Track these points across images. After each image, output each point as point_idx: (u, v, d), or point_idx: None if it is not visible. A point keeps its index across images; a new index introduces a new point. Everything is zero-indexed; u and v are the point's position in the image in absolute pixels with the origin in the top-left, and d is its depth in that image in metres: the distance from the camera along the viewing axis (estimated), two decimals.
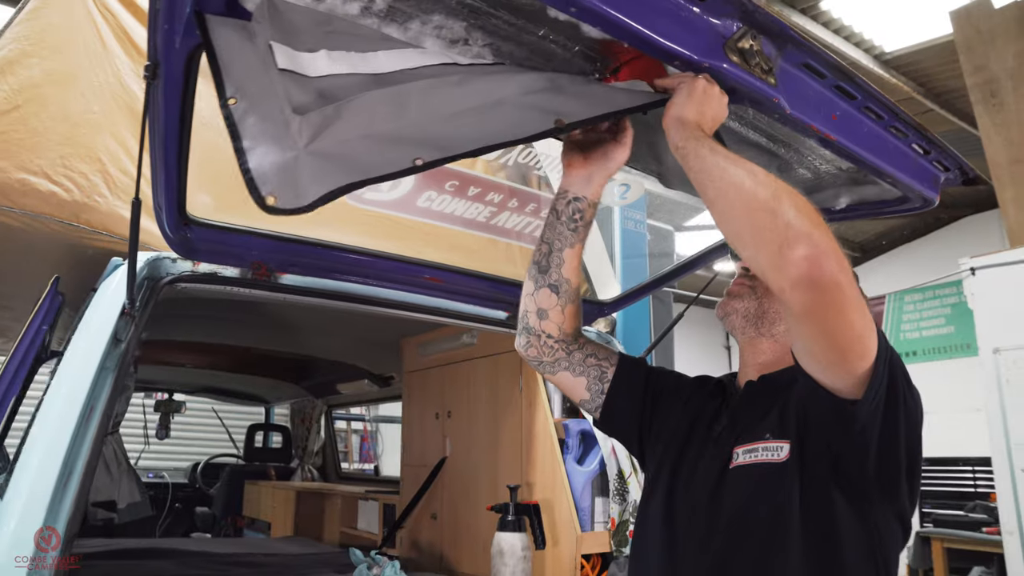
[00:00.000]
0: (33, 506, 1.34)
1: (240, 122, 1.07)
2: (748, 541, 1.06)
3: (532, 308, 1.37)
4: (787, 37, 1.28)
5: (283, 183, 1.04)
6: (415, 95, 1.19)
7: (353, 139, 1.12)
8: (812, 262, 0.89)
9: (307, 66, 1.15)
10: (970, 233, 9.06)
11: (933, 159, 1.72)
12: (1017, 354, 3.37)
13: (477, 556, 2.50)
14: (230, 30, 1.15)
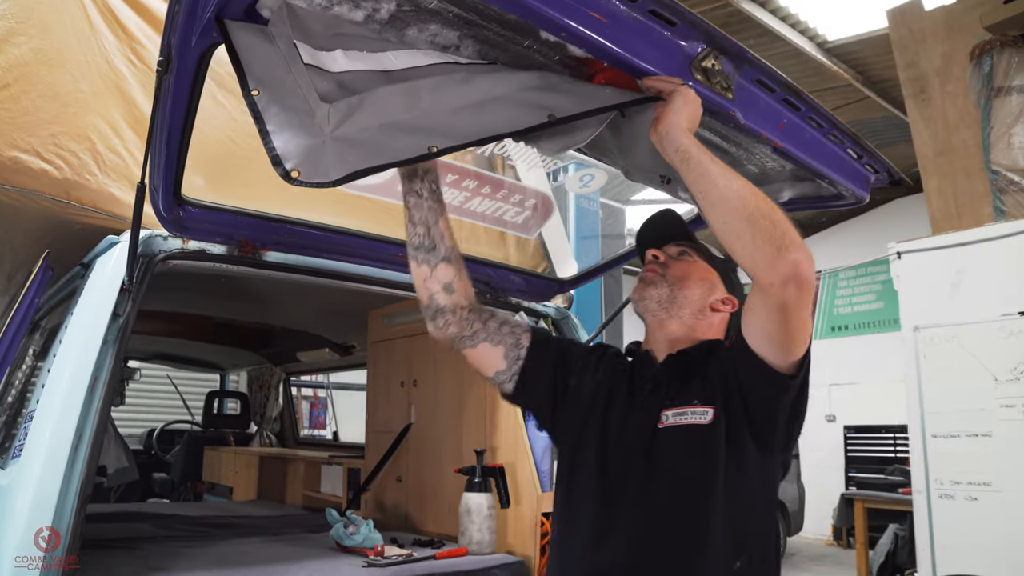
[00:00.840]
0: (51, 466, 1.45)
1: (264, 110, 1.19)
2: (682, 488, 1.26)
3: (436, 288, 1.44)
4: (744, 58, 1.46)
5: (306, 161, 1.16)
6: (426, 90, 1.33)
7: (373, 127, 1.25)
8: (801, 265, 1.11)
9: (328, 62, 1.27)
10: (902, 214, 9.55)
11: (865, 162, 1.94)
12: (934, 331, 3.68)
13: (442, 516, 2.67)
14: (248, 33, 1.27)
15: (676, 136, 1.25)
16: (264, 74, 1.21)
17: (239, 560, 1.99)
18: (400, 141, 1.26)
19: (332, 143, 1.19)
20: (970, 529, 3.39)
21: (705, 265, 1.48)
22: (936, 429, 3.63)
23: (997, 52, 3.96)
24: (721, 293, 1.45)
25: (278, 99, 1.20)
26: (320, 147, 1.19)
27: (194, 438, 4.83)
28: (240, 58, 1.22)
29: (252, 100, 1.17)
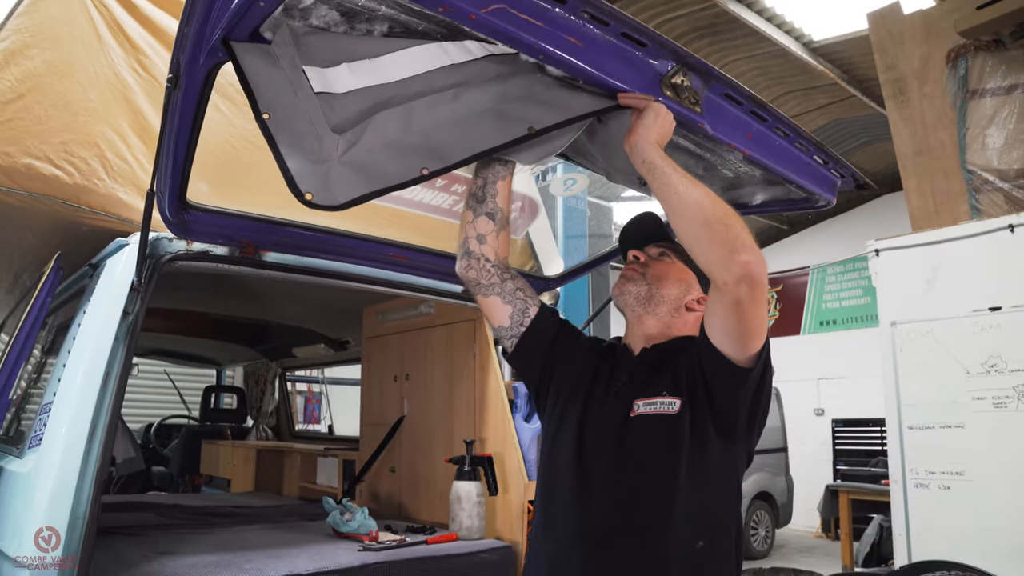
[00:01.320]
0: (70, 455, 1.56)
1: (276, 133, 1.31)
2: (649, 472, 1.37)
3: (472, 234, 1.57)
4: (712, 74, 1.57)
5: (318, 185, 1.29)
6: (420, 109, 1.44)
7: (375, 149, 1.37)
8: (752, 265, 1.22)
9: (335, 83, 1.38)
10: (887, 211, 9.68)
11: (831, 168, 2.06)
12: (910, 327, 3.81)
13: (434, 504, 2.79)
14: (255, 54, 1.37)
15: (643, 148, 1.37)
16: (273, 98, 1.32)
17: (241, 545, 2.10)
18: (396, 164, 1.38)
19: (339, 168, 1.32)
20: (943, 517, 3.52)
21: (683, 266, 1.58)
22: (912, 421, 3.76)
23: (971, 56, 4.09)
24: (696, 293, 1.56)
25: (288, 122, 1.31)
26: (329, 171, 1.31)
27: (192, 432, 4.93)
28: (249, 81, 1.32)
29: (264, 124, 1.29)
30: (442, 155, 1.42)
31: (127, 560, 1.80)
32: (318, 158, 1.33)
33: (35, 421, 1.77)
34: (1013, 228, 3.60)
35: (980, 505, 3.40)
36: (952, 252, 3.74)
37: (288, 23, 1.40)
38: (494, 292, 1.58)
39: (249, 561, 1.86)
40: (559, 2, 1.29)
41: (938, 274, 3.79)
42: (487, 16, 1.22)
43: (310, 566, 1.85)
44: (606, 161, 1.88)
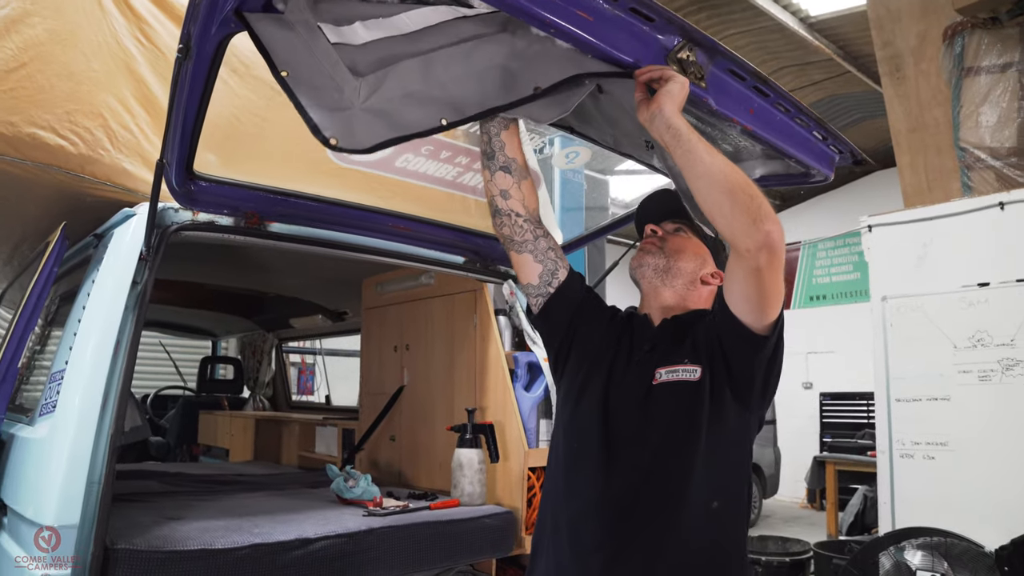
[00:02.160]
0: (85, 421, 1.59)
1: (296, 88, 1.35)
2: (672, 437, 1.43)
3: (495, 191, 1.61)
4: (716, 49, 1.60)
5: (342, 130, 1.34)
6: (438, 62, 1.47)
7: (396, 98, 1.42)
8: (774, 235, 1.27)
9: (351, 37, 1.41)
10: (879, 187, 9.75)
11: (830, 144, 2.09)
12: (901, 302, 3.87)
13: (434, 472, 2.85)
14: (269, 22, 1.39)
15: (668, 115, 1.38)
16: (289, 56, 1.35)
17: (248, 510, 2.15)
18: (417, 113, 1.43)
19: (362, 114, 1.36)
20: (926, 486, 3.62)
21: (698, 242, 1.63)
22: (900, 393, 3.84)
23: (968, 33, 4.10)
24: (711, 268, 1.61)
25: (306, 77, 1.35)
26: (352, 117, 1.35)
27: (189, 403, 4.96)
28: (265, 44, 1.35)
29: (283, 80, 1.33)
30: (459, 108, 1.46)
31: (139, 524, 1.84)
32: (340, 105, 1.37)
33: (45, 389, 1.80)
34: (1003, 206, 3.65)
35: (962, 474, 3.50)
36: (943, 229, 3.80)
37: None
38: (527, 249, 1.61)
39: (257, 526, 1.90)
40: None
41: (929, 250, 3.84)
42: None
43: (318, 530, 1.90)
44: (612, 127, 1.90)
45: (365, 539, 1.96)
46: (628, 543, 1.40)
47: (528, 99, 1.50)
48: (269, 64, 1.33)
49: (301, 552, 1.82)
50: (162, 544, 1.66)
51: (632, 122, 1.79)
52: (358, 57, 1.41)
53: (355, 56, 1.41)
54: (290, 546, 1.81)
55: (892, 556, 3.58)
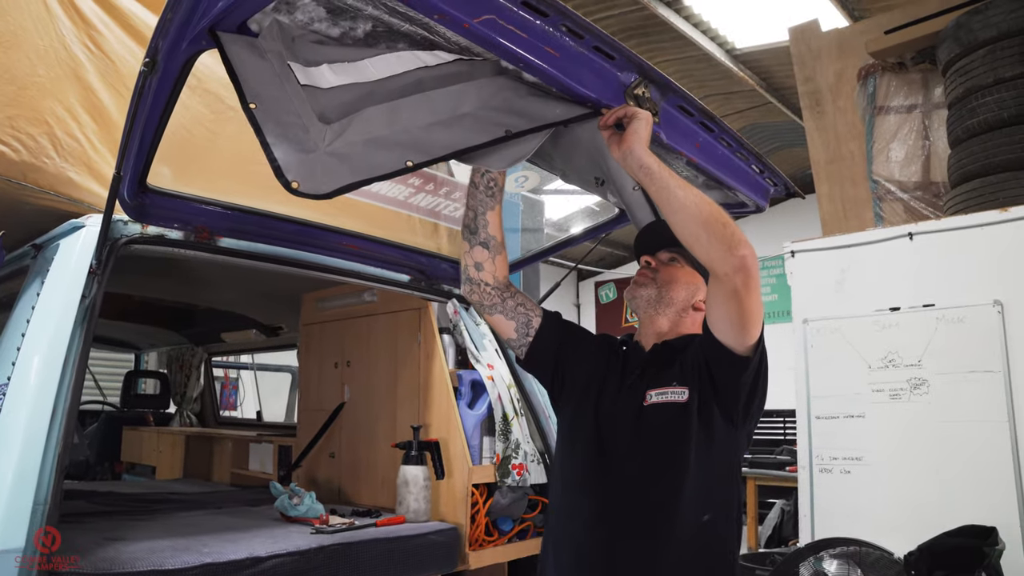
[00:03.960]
0: (31, 440, 1.54)
1: (263, 123, 1.36)
2: (662, 454, 1.52)
3: (470, 263, 1.74)
4: (669, 87, 1.70)
5: (304, 173, 1.36)
6: (404, 109, 1.51)
7: (360, 143, 1.44)
8: (748, 259, 1.37)
9: (318, 80, 1.43)
10: (795, 214, 10.15)
11: (766, 176, 2.23)
12: (820, 324, 4.09)
13: (375, 489, 2.84)
14: (242, 46, 1.40)
15: (639, 155, 1.48)
16: (260, 88, 1.36)
17: (193, 530, 2.10)
18: (382, 156, 1.45)
19: (325, 158, 1.38)
20: (843, 498, 3.82)
21: (691, 270, 1.72)
22: (819, 411, 4.05)
23: (879, 75, 4.41)
24: (703, 295, 1.68)
25: (274, 112, 1.36)
26: (315, 160, 1.38)
27: (111, 418, 4.77)
28: (236, 71, 1.36)
29: (251, 113, 1.33)
30: (425, 150, 1.50)
31: (77, 547, 1.77)
32: (305, 148, 1.39)
33: None
34: (912, 236, 3.91)
35: (875, 487, 3.71)
36: (859, 256, 4.04)
37: (275, 17, 1.44)
38: (497, 311, 1.73)
39: (205, 545, 1.87)
40: (541, 15, 1.38)
41: (846, 275, 4.08)
42: (478, 25, 1.29)
43: (268, 548, 1.88)
44: (563, 163, 1.98)
45: (316, 557, 1.96)
46: (624, 558, 1.48)
47: (497, 142, 1.57)
48: (239, 92, 1.34)
49: (252, 571, 1.80)
50: (109, 566, 1.62)
51: (583, 157, 1.88)
52: (324, 101, 1.43)
53: (321, 100, 1.43)
54: (241, 565, 1.79)
55: (811, 566, 3.76)
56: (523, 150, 1.67)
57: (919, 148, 4.56)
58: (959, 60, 3.93)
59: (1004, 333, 3.49)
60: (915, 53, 4.41)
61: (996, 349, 3.49)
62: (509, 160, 1.67)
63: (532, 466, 2.61)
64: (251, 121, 1.34)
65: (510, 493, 2.53)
